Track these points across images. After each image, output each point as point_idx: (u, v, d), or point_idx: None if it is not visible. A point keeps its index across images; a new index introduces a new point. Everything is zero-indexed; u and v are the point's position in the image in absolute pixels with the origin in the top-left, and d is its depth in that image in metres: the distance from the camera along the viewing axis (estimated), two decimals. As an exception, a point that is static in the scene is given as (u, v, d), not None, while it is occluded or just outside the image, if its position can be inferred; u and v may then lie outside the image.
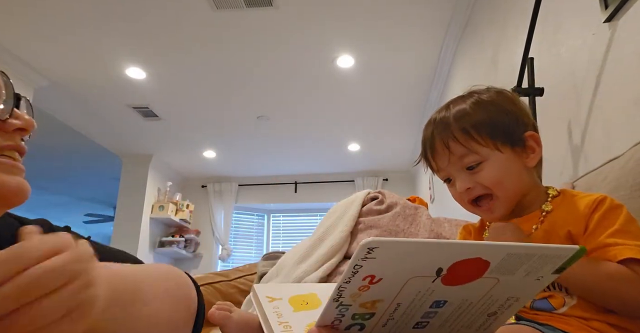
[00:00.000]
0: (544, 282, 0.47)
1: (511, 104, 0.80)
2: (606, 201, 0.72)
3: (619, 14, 1.24)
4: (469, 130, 0.76)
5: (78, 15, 2.93)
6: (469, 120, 0.77)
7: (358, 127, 4.71)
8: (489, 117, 0.78)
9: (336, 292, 0.43)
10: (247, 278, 1.87)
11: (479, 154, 0.76)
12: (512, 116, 0.79)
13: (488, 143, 0.76)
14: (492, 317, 0.50)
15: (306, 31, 3.14)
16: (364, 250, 0.39)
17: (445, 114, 0.80)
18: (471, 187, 0.77)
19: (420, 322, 0.48)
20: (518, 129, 0.78)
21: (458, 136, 0.77)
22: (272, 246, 6.21)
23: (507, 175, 0.77)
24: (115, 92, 3.94)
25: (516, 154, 0.78)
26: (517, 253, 0.43)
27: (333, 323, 0.46)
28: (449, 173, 0.81)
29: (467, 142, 0.76)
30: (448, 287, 0.44)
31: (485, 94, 0.81)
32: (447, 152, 0.78)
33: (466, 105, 0.79)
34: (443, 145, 0.78)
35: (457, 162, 0.78)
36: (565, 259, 0.44)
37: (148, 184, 5.36)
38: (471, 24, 2.79)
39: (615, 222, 0.69)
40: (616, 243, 0.66)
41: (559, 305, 0.70)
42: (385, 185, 5.82)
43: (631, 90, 1.19)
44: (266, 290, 0.63)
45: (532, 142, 0.79)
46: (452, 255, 0.42)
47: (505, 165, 0.77)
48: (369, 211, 1.49)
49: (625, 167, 0.88)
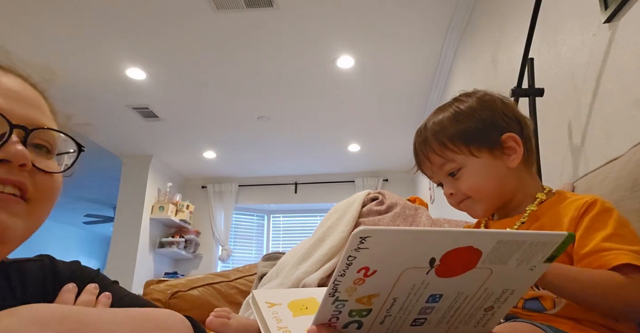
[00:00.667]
0: (537, 271, 0.47)
1: (489, 110, 0.82)
2: (597, 204, 0.72)
3: (619, 14, 1.24)
4: (444, 142, 0.81)
5: (78, 15, 2.93)
6: (444, 134, 0.82)
7: (358, 127, 4.71)
8: (464, 127, 0.81)
9: (332, 287, 0.43)
10: (247, 279, 1.87)
11: (456, 162, 0.81)
12: (487, 122, 0.81)
13: (463, 150, 0.80)
14: (489, 312, 0.50)
15: (306, 32, 3.14)
16: (356, 239, 0.39)
17: (424, 128, 0.86)
18: (453, 193, 0.83)
19: (418, 318, 0.48)
20: (493, 132, 0.80)
21: (435, 148, 0.82)
22: (272, 247, 6.21)
23: (485, 179, 0.80)
24: (115, 93, 3.95)
25: (495, 157, 0.80)
26: (508, 240, 0.43)
27: (330, 320, 0.46)
28: (438, 180, 0.87)
29: (443, 152, 0.82)
30: (443, 280, 0.44)
31: (465, 103, 0.84)
32: (428, 163, 0.84)
33: (444, 116, 0.84)
34: (424, 156, 0.85)
35: (438, 170, 0.84)
36: (556, 246, 0.45)
37: (148, 185, 5.36)
38: (471, 25, 2.79)
39: (607, 225, 0.69)
40: (612, 248, 0.66)
41: (549, 306, 0.70)
42: (385, 186, 5.82)
43: (631, 90, 1.19)
44: (265, 296, 0.63)
45: (512, 143, 0.80)
46: (443, 244, 0.42)
47: (482, 170, 0.80)
48: (369, 212, 1.49)
49: (625, 167, 0.88)
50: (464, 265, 0.44)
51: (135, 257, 5.06)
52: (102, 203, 7.07)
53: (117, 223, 5.27)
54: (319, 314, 0.45)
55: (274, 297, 0.63)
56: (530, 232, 0.44)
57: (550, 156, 1.63)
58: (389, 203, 1.51)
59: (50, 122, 0.56)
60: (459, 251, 0.42)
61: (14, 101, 0.51)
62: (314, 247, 1.44)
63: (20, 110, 0.51)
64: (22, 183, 0.49)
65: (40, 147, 0.54)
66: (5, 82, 0.52)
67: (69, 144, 0.57)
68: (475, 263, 0.44)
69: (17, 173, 0.48)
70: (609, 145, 1.29)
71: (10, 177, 0.48)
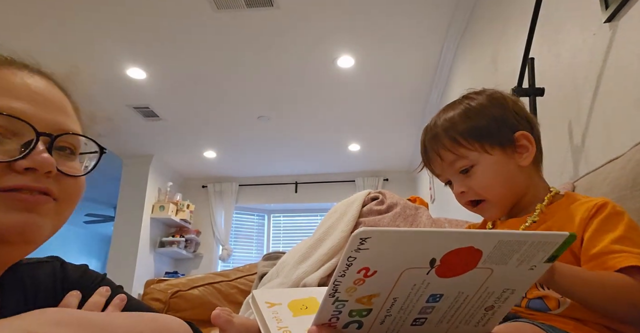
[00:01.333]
0: (537, 271, 0.47)
1: (500, 107, 0.82)
2: (608, 206, 0.71)
3: (620, 14, 1.24)
4: (456, 138, 0.79)
5: (78, 15, 2.93)
6: (456, 129, 0.80)
7: (359, 127, 4.71)
8: (476, 124, 0.80)
9: (332, 287, 0.43)
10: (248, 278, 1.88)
11: (468, 158, 0.79)
12: (499, 119, 0.80)
13: (476, 147, 0.79)
14: (490, 312, 0.50)
15: (307, 32, 3.14)
16: (356, 240, 0.39)
17: (434, 124, 0.84)
18: (465, 191, 0.81)
19: (418, 318, 0.48)
20: (505, 130, 0.80)
21: (447, 144, 0.80)
22: (272, 246, 6.21)
23: (497, 178, 0.79)
24: (115, 92, 3.94)
25: (507, 155, 0.79)
26: (509, 240, 0.43)
27: (330, 320, 0.46)
28: (447, 178, 0.84)
29: (455, 149, 0.80)
30: (443, 279, 0.44)
31: (475, 100, 0.83)
32: (439, 159, 0.82)
33: (455, 113, 0.82)
34: (435, 153, 0.82)
35: (449, 167, 0.82)
36: (557, 246, 0.44)
37: (148, 184, 5.36)
38: (472, 25, 2.79)
39: (617, 228, 0.68)
40: (622, 251, 0.65)
41: (554, 306, 0.70)
42: (385, 186, 5.82)
43: (632, 90, 1.19)
44: (265, 296, 0.63)
45: (525, 141, 0.80)
46: (444, 245, 0.42)
47: (494, 168, 0.79)
48: (369, 211, 1.49)
49: (625, 167, 0.88)
50: (465, 266, 0.44)
51: (136, 256, 5.06)
52: (103, 202, 7.07)
53: (118, 223, 5.27)
54: (319, 314, 0.45)
55: (273, 297, 0.63)
56: (531, 233, 0.44)
57: (551, 155, 1.63)
58: (390, 203, 1.51)
59: (75, 124, 0.58)
60: (459, 251, 0.42)
61: (40, 105, 0.53)
62: (314, 247, 1.44)
63: (46, 115, 0.53)
64: (48, 189, 0.51)
65: (64, 148, 0.55)
66: (31, 84, 0.53)
67: (90, 145, 0.59)
68: (476, 264, 0.44)
69: (43, 181, 0.50)
70: (610, 145, 1.29)
71: (38, 185, 0.49)
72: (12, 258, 0.54)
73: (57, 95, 0.57)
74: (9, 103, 0.50)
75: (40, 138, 0.50)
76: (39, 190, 0.50)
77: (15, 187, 0.48)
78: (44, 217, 0.50)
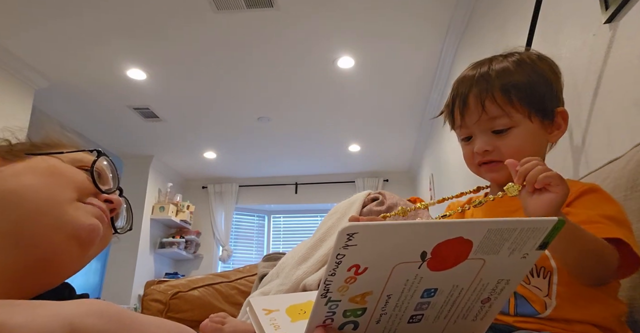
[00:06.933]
0: (530, 259, 0.46)
1: (551, 72, 0.79)
2: (598, 189, 0.71)
3: (620, 15, 1.24)
4: (509, 91, 0.74)
5: (79, 16, 2.94)
6: (510, 80, 0.75)
7: (359, 128, 4.71)
8: (530, 81, 0.76)
9: (323, 287, 0.42)
10: (248, 279, 1.87)
11: (512, 119, 0.75)
12: (549, 85, 0.77)
13: (524, 110, 0.75)
14: (487, 304, 0.49)
15: (307, 32, 3.14)
16: (343, 237, 0.38)
17: (486, 70, 0.77)
18: (489, 150, 0.76)
19: (415, 315, 0.47)
20: (552, 101, 0.77)
21: (497, 96, 0.74)
22: (272, 247, 6.21)
23: (529, 146, 0.75)
24: (115, 93, 3.95)
25: (543, 128, 0.77)
26: (498, 228, 0.42)
27: (325, 322, 0.45)
28: (471, 132, 0.79)
29: (505, 104, 0.74)
30: (436, 273, 0.44)
31: (526, 56, 0.79)
32: (481, 109, 0.75)
33: (509, 63, 0.77)
34: (478, 102, 0.75)
35: (486, 122, 0.76)
36: (547, 232, 0.44)
37: (148, 185, 5.36)
38: (471, 25, 2.79)
39: (605, 207, 0.67)
40: (607, 223, 0.64)
41: (540, 308, 0.68)
42: (385, 186, 5.82)
43: (632, 91, 1.19)
44: (263, 303, 0.62)
45: (560, 119, 0.78)
46: (433, 236, 0.41)
47: (531, 137, 0.76)
48: (369, 212, 1.49)
49: (625, 167, 0.88)
50: (456, 257, 0.43)
51: (136, 257, 5.06)
52: (103, 203, 7.07)
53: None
54: (312, 317, 0.44)
55: (271, 303, 0.62)
56: (519, 219, 0.43)
57: (551, 156, 1.62)
58: (390, 203, 1.51)
59: None
60: (449, 243, 0.41)
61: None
62: (315, 248, 1.44)
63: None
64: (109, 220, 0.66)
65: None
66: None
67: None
68: (467, 255, 0.43)
69: (105, 208, 0.64)
70: (610, 146, 1.29)
71: (107, 212, 0.64)
72: (38, 287, 0.58)
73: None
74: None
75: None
76: (107, 216, 0.64)
77: (96, 206, 0.62)
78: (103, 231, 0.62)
